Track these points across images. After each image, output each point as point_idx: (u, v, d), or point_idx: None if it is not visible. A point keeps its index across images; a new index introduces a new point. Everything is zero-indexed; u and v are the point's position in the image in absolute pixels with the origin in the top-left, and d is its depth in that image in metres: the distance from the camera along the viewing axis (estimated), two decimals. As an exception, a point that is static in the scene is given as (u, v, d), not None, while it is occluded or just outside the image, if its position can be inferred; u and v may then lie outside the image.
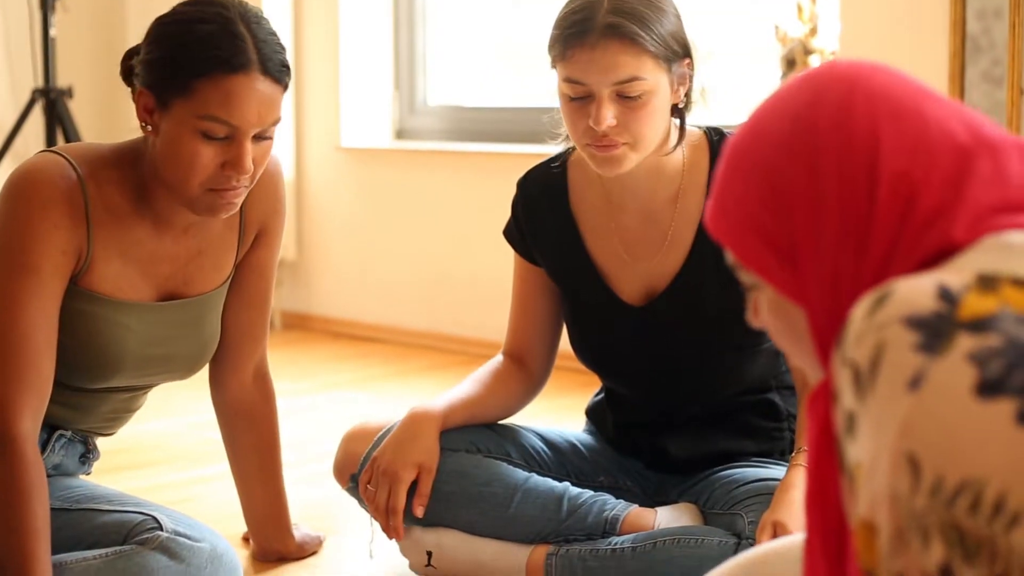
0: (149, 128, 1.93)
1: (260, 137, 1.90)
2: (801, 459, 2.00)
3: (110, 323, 1.99)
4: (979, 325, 0.86)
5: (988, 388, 0.83)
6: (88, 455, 2.18)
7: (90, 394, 2.06)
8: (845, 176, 0.99)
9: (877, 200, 0.98)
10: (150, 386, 2.16)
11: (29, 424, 1.88)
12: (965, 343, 0.85)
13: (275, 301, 4.89)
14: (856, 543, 0.90)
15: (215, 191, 1.90)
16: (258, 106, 1.87)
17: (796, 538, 1.37)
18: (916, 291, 0.89)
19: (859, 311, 0.91)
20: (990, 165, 0.99)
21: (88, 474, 2.21)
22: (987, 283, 0.89)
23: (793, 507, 1.93)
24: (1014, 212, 0.96)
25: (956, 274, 0.92)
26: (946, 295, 0.88)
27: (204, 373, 2.28)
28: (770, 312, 1.08)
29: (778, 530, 1.91)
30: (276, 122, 1.91)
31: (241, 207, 2.10)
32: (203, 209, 1.93)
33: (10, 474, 1.84)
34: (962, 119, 1.02)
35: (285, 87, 1.92)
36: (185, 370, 2.14)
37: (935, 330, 0.86)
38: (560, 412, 3.27)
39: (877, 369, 0.87)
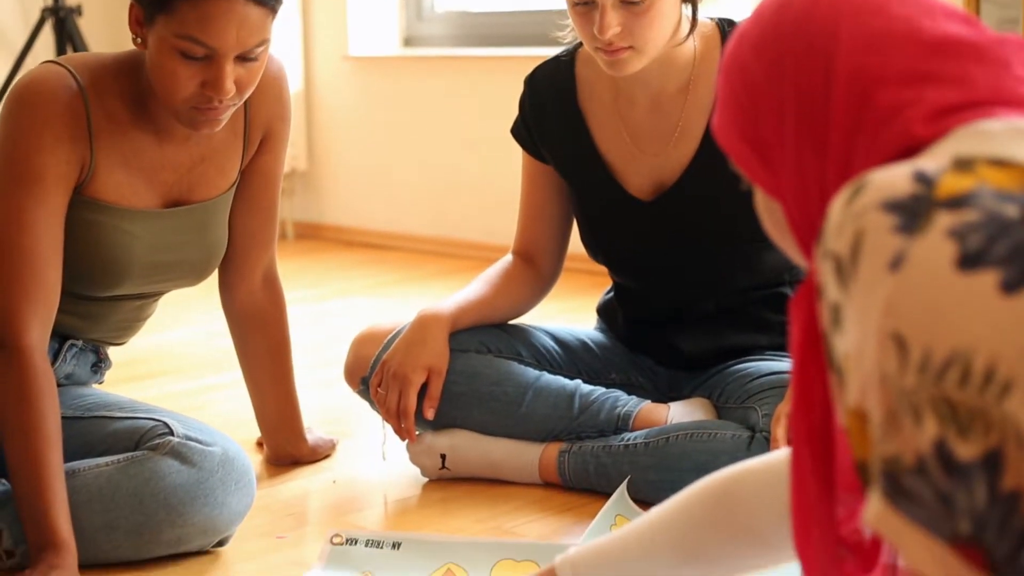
0: (139, 41, 1.92)
1: (244, 58, 1.88)
2: None
3: (116, 231, 1.98)
4: (957, 202, 0.85)
5: (969, 261, 0.82)
6: (100, 364, 2.18)
7: (100, 303, 2.06)
8: (803, 74, 1.01)
9: (833, 97, 0.99)
10: (159, 293, 2.15)
11: (37, 334, 1.88)
12: (944, 220, 0.84)
13: (287, 211, 4.90)
14: (848, 436, 0.89)
15: (197, 109, 1.89)
16: (237, 29, 1.84)
17: (783, 452, 1.37)
18: (892, 177, 0.88)
19: (837, 204, 0.90)
20: (963, 63, 0.97)
21: (100, 383, 2.21)
22: (963, 164, 0.89)
23: None
24: (985, 107, 0.95)
25: (932, 160, 0.91)
26: (922, 178, 0.88)
27: (214, 281, 2.27)
28: (761, 209, 1.09)
29: (791, 422, 1.89)
30: (262, 44, 1.89)
31: (245, 113, 2.09)
32: (187, 123, 1.93)
33: (20, 383, 1.84)
34: (940, 18, 1.00)
35: (273, 10, 1.89)
36: (193, 276, 2.13)
37: (913, 211, 0.85)
38: (571, 314, 3.26)
39: (858, 256, 0.86)
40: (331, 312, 3.72)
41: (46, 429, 1.84)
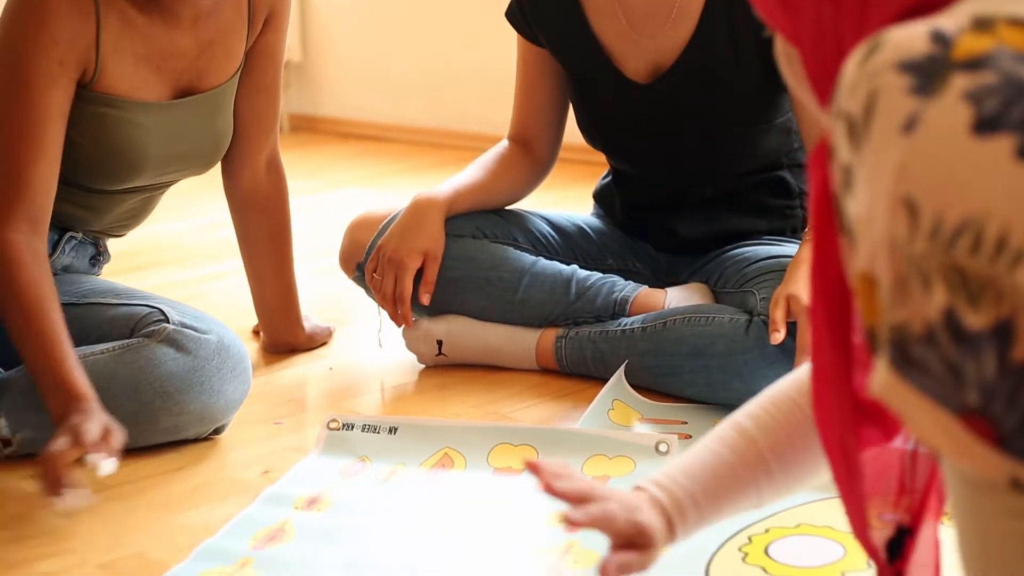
0: None
1: None
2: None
3: (129, 124, 1.96)
4: (974, 64, 0.82)
5: (985, 125, 0.80)
6: (98, 257, 2.17)
7: (109, 195, 2.05)
8: None
9: None
10: (168, 185, 2.14)
11: (22, 227, 1.84)
12: (959, 82, 0.82)
13: (283, 104, 4.85)
14: (857, 301, 0.87)
15: None
16: None
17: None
18: (908, 37, 0.85)
19: (851, 62, 0.87)
20: None
21: (97, 276, 2.20)
22: (982, 24, 0.85)
23: (806, 281, 1.90)
24: None
25: (950, 18, 0.88)
26: (939, 37, 0.85)
27: (214, 171, 2.26)
28: (781, 57, 1.05)
29: (791, 303, 1.88)
30: None
31: None
32: None
33: (7, 279, 1.82)
34: None
35: None
36: (202, 165, 2.12)
37: (928, 72, 0.83)
38: (567, 203, 3.24)
39: (871, 117, 0.84)
40: (327, 203, 3.70)
41: (45, 305, 1.81)
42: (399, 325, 2.22)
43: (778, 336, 1.88)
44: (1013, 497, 0.84)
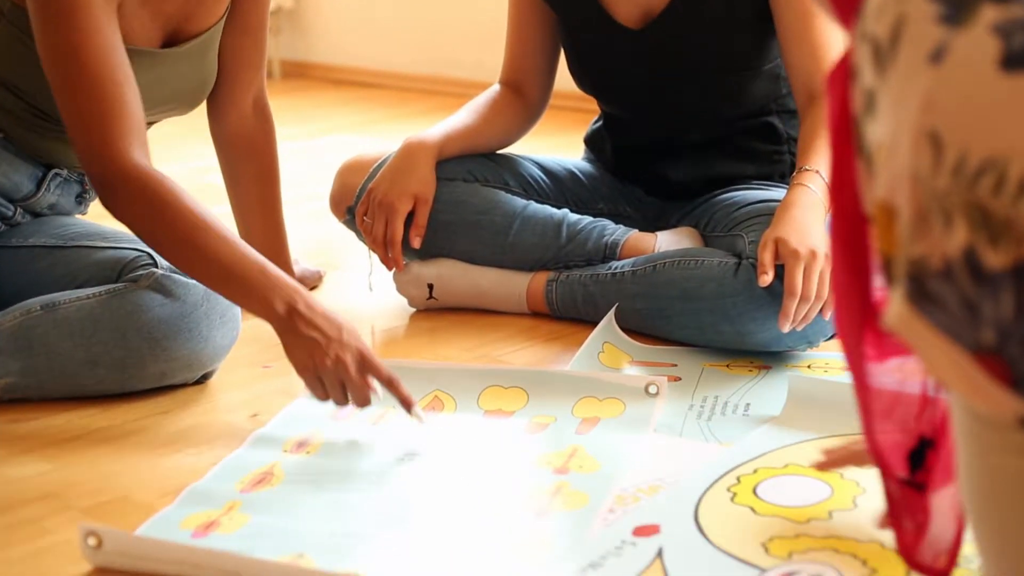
0: None
1: None
2: (802, 178, 1.95)
3: None
4: None
5: (1012, 61, 0.78)
6: (84, 195, 2.15)
7: None
8: None
9: None
10: (150, 124, 2.12)
11: (139, 153, 1.79)
12: (989, 14, 0.80)
13: (274, 50, 4.82)
14: (873, 228, 0.86)
15: None
16: None
17: None
18: None
19: None
20: None
21: (84, 215, 2.18)
22: None
23: (795, 224, 1.89)
24: None
25: None
26: None
27: (203, 116, 2.24)
28: None
29: (780, 246, 1.87)
30: None
31: None
32: None
33: (153, 204, 1.75)
34: None
35: None
36: (186, 105, 2.10)
37: (958, 1, 0.80)
38: (558, 150, 3.22)
39: (897, 43, 0.82)
40: (318, 148, 3.68)
41: (209, 215, 1.77)
42: (390, 269, 2.21)
43: (766, 279, 1.87)
44: (1020, 435, 0.83)
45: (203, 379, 1.95)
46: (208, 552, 1.38)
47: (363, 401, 1.72)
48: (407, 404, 1.72)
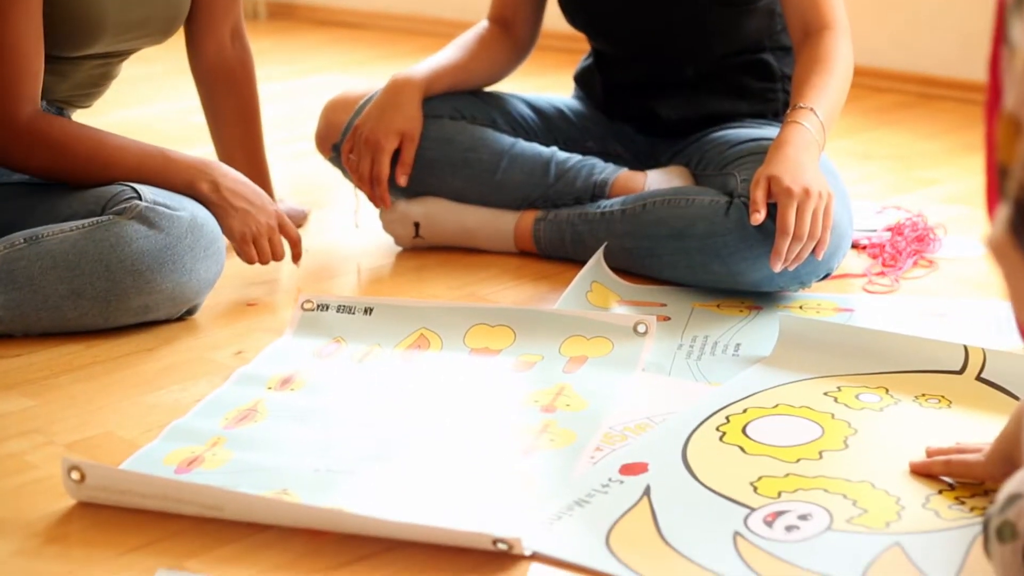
0: None
1: None
2: (797, 116, 1.92)
3: None
4: None
5: None
6: None
7: (69, 62, 1.99)
8: None
9: None
10: (127, 53, 2.08)
11: (30, 107, 1.90)
12: None
13: (259, -10, 4.77)
14: (998, 132, 0.84)
15: None
16: None
17: None
18: None
19: None
20: None
21: None
22: None
23: (788, 162, 1.86)
24: None
25: None
26: None
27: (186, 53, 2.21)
28: None
29: (772, 184, 1.84)
30: None
31: None
32: None
33: (51, 144, 1.91)
34: None
35: None
36: (161, 32, 2.06)
37: None
38: (546, 91, 3.19)
39: None
40: (303, 88, 3.64)
41: (99, 137, 1.94)
42: (377, 207, 2.19)
43: (758, 217, 1.84)
44: None
45: (187, 314, 1.93)
46: (191, 486, 1.36)
47: (280, 255, 2.00)
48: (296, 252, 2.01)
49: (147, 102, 3.30)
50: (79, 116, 2.17)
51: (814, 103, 1.92)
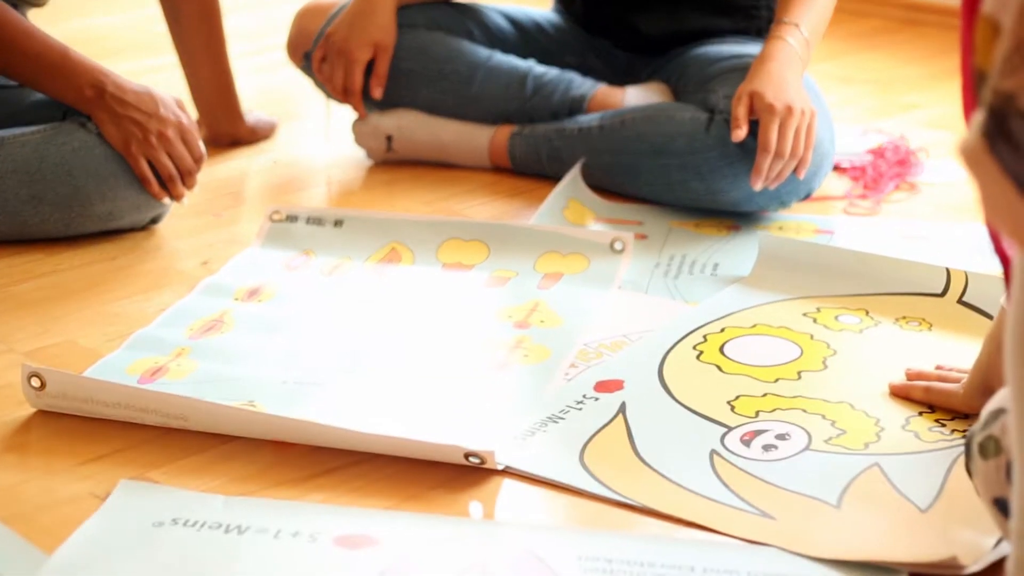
0: None
1: None
2: (781, 31, 1.88)
3: None
4: None
5: None
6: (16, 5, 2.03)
7: None
8: None
9: None
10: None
11: None
12: None
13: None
14: (976, 34, 0.82)
15: None
16: None
17: None
18: None
19: None
20: None
21: None
22: None
23: (771, 78, 1.82)
24: None
25: None
26: None
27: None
28: None
29: (754, 100, 1.80)
30: None
31: None
32: None
33: None
34: None
35: None
36: None
37: None
38: (525, 2, 3.13)
39: None
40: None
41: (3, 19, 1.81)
42: (356, 113, 2.13)
43: (740, 133, 1.80)
44: None
45: (152, 223, 1.88)
46: (155, 395, 1.32)
47: (184, 168, 1.83)
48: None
49: (108, 11, 3.22)
50: (35, 17, 2.09)
51: (799, 19, 1.88)
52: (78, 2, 2.81)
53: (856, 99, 2.63)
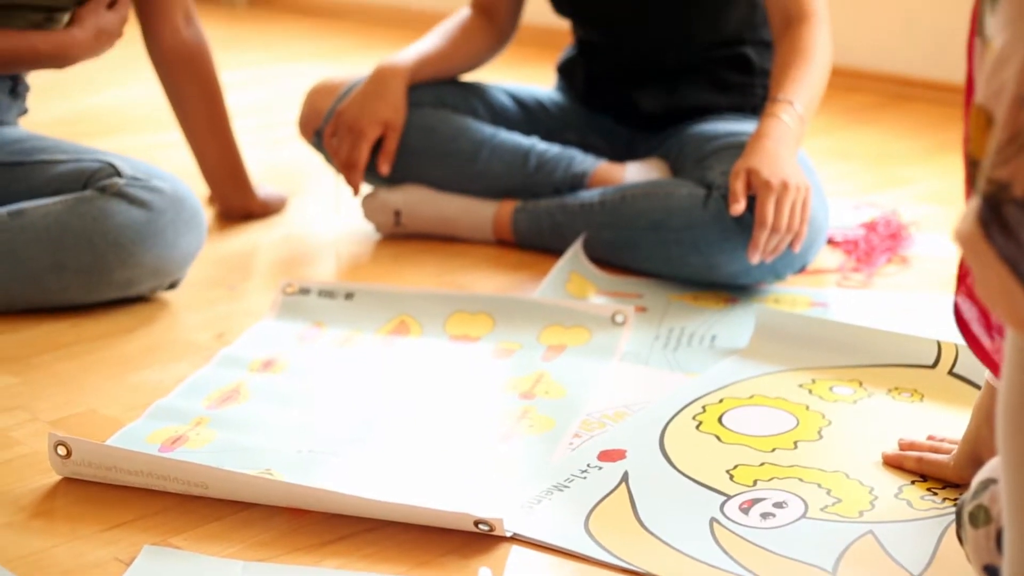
0: None
1: None
2: (775, 109, 1.95)
3: None
4: None
5: None
6: (17, 89, 2.07)
7: (4, 11, 1.96)
8: None
9: None
10: (62, 9, 2.05)
11: None
12: None
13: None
14: (968, 124, 0.85)
15: None
16: None
17: None
18: None
19: None
20: None
21: (24, 112, 2.12)
22: None
23: (766, 155, 1.88)
24: None
25: None
26: None
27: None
28: None
29: (751, 177, 1.87)
30: None
31: None
32: None
33: None
34: None
35: None
36: None
37: None
38: (527, 81, 3.21)
39: None
40: (282, 75, 3.64)
41: None
42: (351, 187, 2.20)
43: (738, 207, 1.87)
44: None
45: (170, 288, 1.94)
46: (177, 463, 1.38)
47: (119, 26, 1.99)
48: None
49: (117, 85, 3.30)
50: (37, 93, 2.14)
51: (793, 96, 1.95)
52: (87, 79, 2.88)
53: (849, 173, 2.70)
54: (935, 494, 1.40)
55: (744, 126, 2.12)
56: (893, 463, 1.46)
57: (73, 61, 1.98)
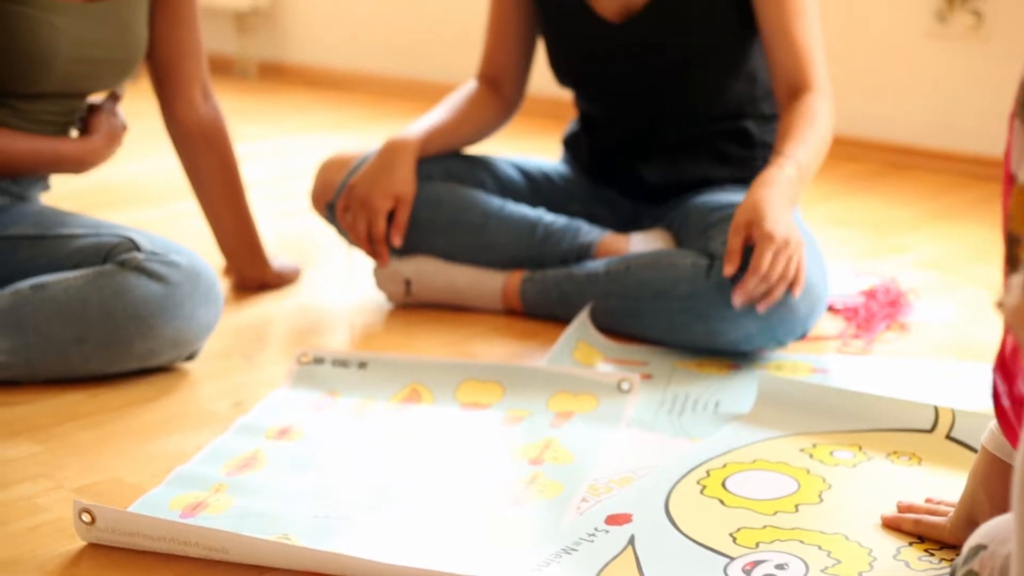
0: None
1: None
2: (776, 161, 1.99)
3: (42, 24, 1.96)
4: None
5: None
6: None
7: (23, 99, 2.03)
8: None
9: None
10: (84, 93, 2.12)
11: None
12: None
13: (250, 50, 4.85)
14: (1008, 202, 0.87)
15: None
16: None
17: None
18: None
19: None
20: None
21: (47, 189, 2.18)
22: None
23: (766, 204, 1.92)
24: None
25: None
26: None
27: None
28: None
29: (753, 230, 1.92)
30: None
31: None
32: None
33: None
34: None
35: None
36: (114, 77, 2.11)
37: None
38: (534, 151, 3.27)
39: None
40: (293, 148, 3.71)
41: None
42: (378, 262, 2.25)
43: (730, 269, 1.92)
44: None
45: (188, 358, 1.99)
46: (198, 529, 1.42)
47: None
48: None
49: (135, 158, 3.35)
50: (77, 184, 2.21)
51: (794, 152, 2.00)
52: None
53: (849, 241, 2.75)
54: (932, 555, 1.44)
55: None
56: (891, 525, 1.50)
57: (91, 167, 2.12)
